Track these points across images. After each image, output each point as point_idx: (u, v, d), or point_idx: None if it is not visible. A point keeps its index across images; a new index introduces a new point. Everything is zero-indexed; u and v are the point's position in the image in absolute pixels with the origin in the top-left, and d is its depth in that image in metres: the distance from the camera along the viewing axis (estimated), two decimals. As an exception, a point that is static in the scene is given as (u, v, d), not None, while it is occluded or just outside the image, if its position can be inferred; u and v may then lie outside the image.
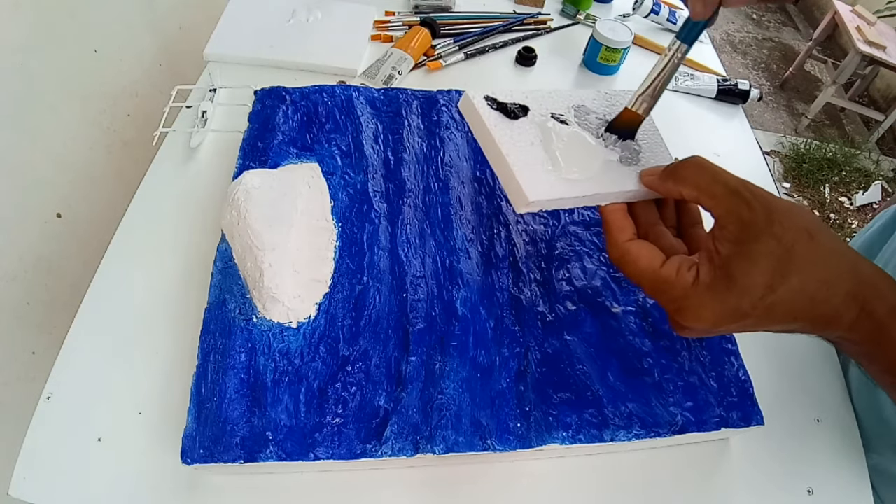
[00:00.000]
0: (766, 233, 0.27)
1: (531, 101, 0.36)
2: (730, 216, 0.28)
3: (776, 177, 2.08)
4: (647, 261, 0.31)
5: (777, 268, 0.27)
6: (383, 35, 0.72)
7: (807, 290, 0.27)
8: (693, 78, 0.74)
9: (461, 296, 0.43)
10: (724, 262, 0.28)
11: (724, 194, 0.29)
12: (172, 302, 0.45)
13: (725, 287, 0.28)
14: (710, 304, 0.28)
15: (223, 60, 0.65)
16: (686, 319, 0.29)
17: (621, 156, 0.36)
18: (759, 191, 0.29)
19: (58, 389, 0.41)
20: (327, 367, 0.39)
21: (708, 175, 0.30)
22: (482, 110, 0.34)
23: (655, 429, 0.38)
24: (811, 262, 0.27)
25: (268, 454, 0.35)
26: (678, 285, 0.29)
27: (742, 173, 0.41)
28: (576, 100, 0.38)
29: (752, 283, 0.27)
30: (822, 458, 0.43)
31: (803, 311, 0.28)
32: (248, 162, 0.49)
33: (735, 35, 2.81)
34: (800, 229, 0.28)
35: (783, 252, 0.27)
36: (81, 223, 0.67)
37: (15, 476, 0.37)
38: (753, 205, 0.28)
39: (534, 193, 0.32)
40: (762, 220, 0.27)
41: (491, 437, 0.37)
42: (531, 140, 0.34)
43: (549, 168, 0.34)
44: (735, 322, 0.28)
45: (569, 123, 0.36)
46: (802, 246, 0.27)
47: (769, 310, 0.27)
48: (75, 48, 0.64)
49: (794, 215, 0.28)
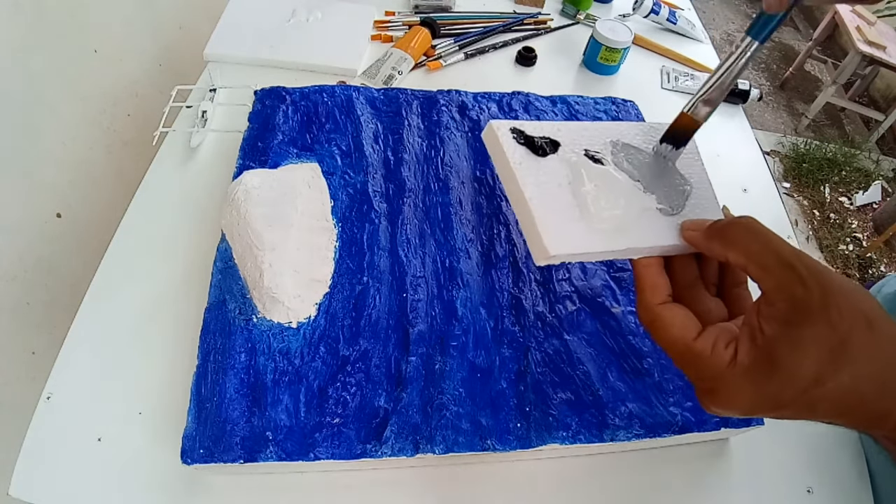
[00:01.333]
0: (820, 317, 0.24)
1: (563, 136, 0.32)
2: (780, 292, 0.25)
3: (776, 177, 2.08)
4: (681, 330, 0.27)
5: (828, 359, 0.23)
6: (383, 35, 0.72)
7: (858, 388, 0.24)
8: (693, 78, 0.74)
9: (461, 296, 0.43)
10: (767, 344, 0.25)
11: (775, 266, 0.25)
12: (172, 302, 0.45)
13: (766, 373, 0.24)
14: (746, 389, 0.25)
15: (223, 60, 0.65)
16: (716, 402, 0.26)
17: (662, 204, 0.32)
18: (815, 266, 0.25)
19: (58, 389, 0.41)
20: (327, 367, 0.39)
21: (760, 242, 0.26)
22: (506, 144, 0.31)
23: (655, 429, 0.38)
24: (867, 355, 0.24)
25: (268, 454, 0.35)
26: (712, 364, 0.26)
27: (742, 173, 0.41)
28: (614, 134, 0.34)
29: (798, 373, 0.24)
30: (822, 458, 0.43)
31: (849, 409, 0.25)
32: (248, 162, 0.49)
33: (735, 35, 2.81)
34: (858, 316, 0.24)
35: (837, 342, 0.23)
36: (81, 223, 0.67)
37: (15, 476, 0.37)
38: (808, 283, 0.24)
39: (556, 247, 0.28)
40: (817, 301, 0.24)
41: (491, 437, 0.37)
42: (559, 181, 0.31)
43: (576, 215, 0.30)
44: (771, 411, 0.25)
45: (604, 163, 0.32)
46: (859, 336, 0.24)
47: (812, 404, 0.24)
48: (75, 48, 0.64)
49: (852, 299, 0.25)
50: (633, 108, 0.61)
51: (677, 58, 0.78)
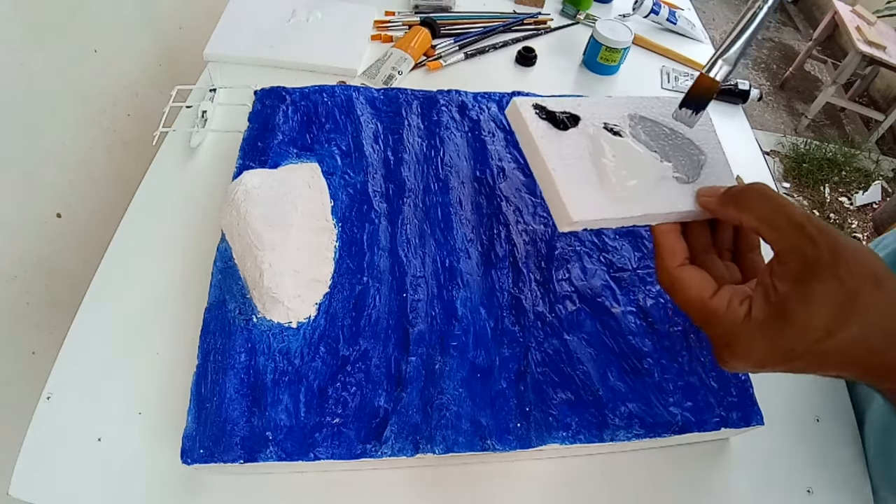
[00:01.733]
0: (830, 274, 0.25)
1: (583, 110, 0.34)
2: (792, 252, 0.26)
3: (776, 177, 2.08)
4: (698, 290, 0.29)
5: (837, 312, 0.25)
6: (383, 35, 0.72)
7: (866, 340, 0.25)
8: (693, 78, 0.74)
9: (461, 296, 0.43)
10: (780, 300, 0.26)
11: (787, 228, 0.27)
12: (172, 302, 0.45)
13: (779, 326, 0.26)
14: (761, 342, 0.26)
15: (223, 60, 0.65)
16: (733, 356, 0.27)
17: (678, 172, 0.33)
18: (825, 227, 0.27)
19: (58, 389, 0.41)
20: (327, 367, 0.39)
21: (772, 205, 0.28)
22: (529, 120, 0.32)
23: (655, 429, 0.38)
24: (875, 310, 0.25)
25: (268, 454, 0.35)
26: (728, 319, 0.27)
27: (742, 173, 0.41)
28: (632, 108, 0.36)
29: (809, 325, 0.25)
30: (822, 458, 0.43)
31: (859, 361, 0.26)
32: (248, 162, 0.49)
33: (735, 35, 2.81)
34: (866, 274, 0.25)
35: (846, 296, 0.25)
36: (81, 223, 0.67)
37: (15, 476, 0.37)
38: (818, 242, 0.26)
39: (578, 213, 0.30)
40: (827, 259, 0.25)
41: (491, 437, 0.37)
42: (580, 153, 0.32)
43: (596, 184, 0.31)
44: (784, 363, 0.27)
45: (622, 135, 0.34)
46: (867, 292, 0.25)
47: (823, 355, 0.26)
48: (75, 48, 0.64)
49: (861, 258, 0.26)
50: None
51: (677, 58, 0.78)
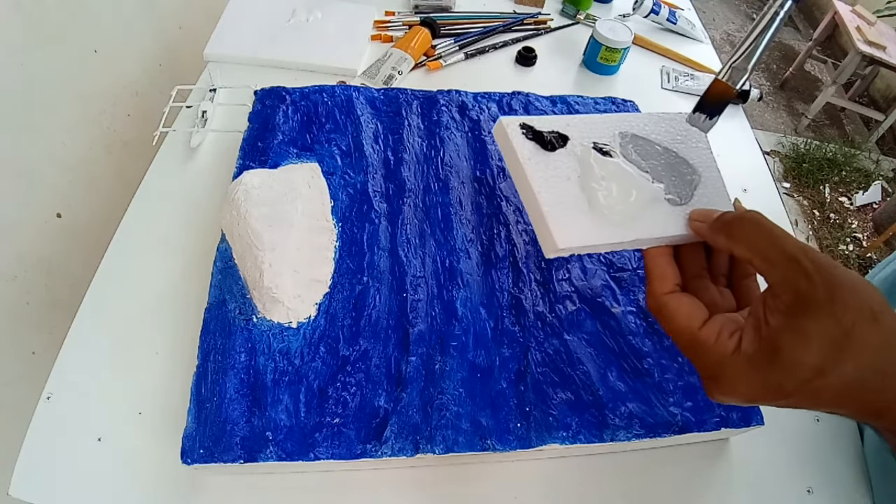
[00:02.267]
0: (825, 310, 0.24)
1: (572, 129, 0.33)
2: (785, 285, 0.25)
3: (776, 177, 2.08)
4: (686, 319, 0.28)
5: (831, 350, 0.24)
6: (383, 35, 0.72)
7: (861, 379, 0.24)
8: (693, 78, 0.74)
9: (461, 296, 0.43)
10: (771, 335, 0.25)
11: (781, 261, 0.26)
12: (172, 302, 0.45)
13: (769, 362, 0.25)
14: (749, 377, 0.25)
15: (223, 60, 0.65)
16: (721, 388, 0.27)
17: (670, 194, 0.32)
18: (820, 259, 0.26)
19: (58, 389, 0.41)
20: (327, 367, 0.39)
21: (765, 237, 0.27)
22: (515, 140, 0.31)
23: (655, 429, 0.38)
24: (871, 347, 0.24)
25: (268, 454, 0.35)
26: (716, 351, 0.26)
27: (742, 173, 0.41)
28: (623, 125, 0.34)
29: (801, 362, 0.24)
30: (822, 458, 0.43)
31: (854, 399, 0.25)
32: (248, 162, 0.49)
33: (735, 35, 2.81)
34: (863, 309, 0.24)
35: (841, 333, 0.24)
36: (81, 223, 0.67)
37: (15, 476, 0.37)
38: (813, 277, 0.25)
39: (564, 240, 0.29)
40: (822, 294, 0.24)
41: (491, 437, 0.37)
42: (568, 175, 0.31)
43: (584, 208, 0.30)
44: (773, 399, 0.26)
45: (613, 155, 0.33)
46: (863, 328, 0.24)
47: (815, 393, 0.25)
48: (75, 48, 0.64)
49: (858, 292, 0.25)
50: (633, 108, 0.61)
51: (677, 58, 0.78)
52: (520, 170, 0.31)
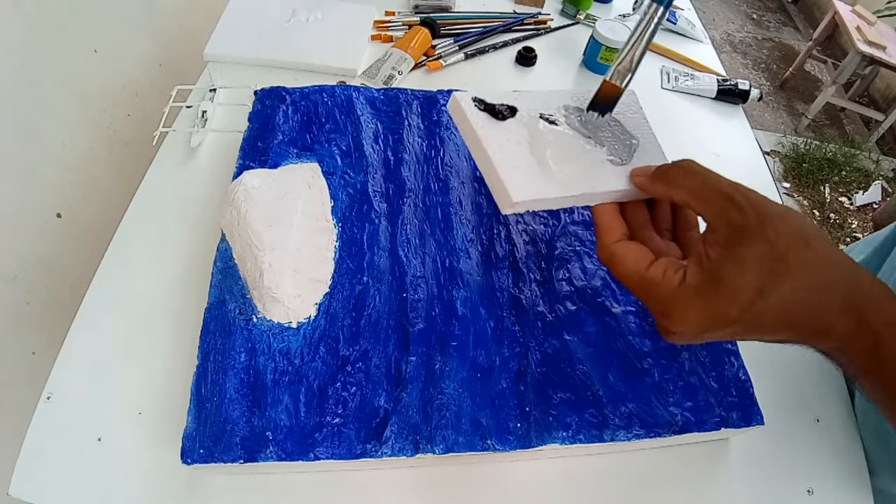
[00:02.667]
0: (758, 237, 0.26)
1: (520, 102, 0.36)
2: (721, 219, 0.27)
3: (776, 177, 2.08)
4: (634, 263, 0.30)
5: (768, 274, 0.26)
6: (383, 35, 0.72)
7: (799, 299, 0.26)
8: (693, 78, 0.74)
9: (461, 296, 0.43)
10: (712, 266, 0.27)
11: (715, 198, 0.28)
12: (172, 302, 0.45)
13: (713, 290, 0.27)
14: (697, 307, 0.27)
15: (223, 60, 0.65)
16: (671, 323, 0.28)
17: (611, 156, 0.35)
18: (752, 195, 0.28)
19: (58, 389, 0.41)
20: (327, 367, 0.39)
21: (699, 179, 0.29)
22: (469, 111, 0.34)
23: (655, 429, 0.38)
24: (805, 269, 0.26)
25: (268, 454, 0.35)
26: (664, 287, 0.28)
27: (742, 173, 0.41)
28: (566, 100, 0.37)
29: (741, 287, 0.26)
30: (822, 458, 0.43)
31: (794, 321, 0.27)
32: (248, 162, 0.49)
33: (735, 35, 2.81)
34: (794, 235, 0.26)
35: (775, 258, 0.26)
36: (81, 223, 0.67)
37: (15, 476, 0.37)
38: (745, 209, 0.27)
39: (518, 194, 0.31)
40: (754, 223, 0.26)
41: (491, 437, 0.37)
42: (518, 140, 0.34)
43: (535, 169, 0.33)
44: (722, 328, 0.27)
45: (558, 124, 0.36)
46: (796, 252, 0.26)
47: (758, 317, 0.26)
48: (75, 48, 0.64)
49: (788, 220, 0.27)
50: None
51: (677, 58, 0.78)
52: (475, 137, 0.33)
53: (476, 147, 0.33)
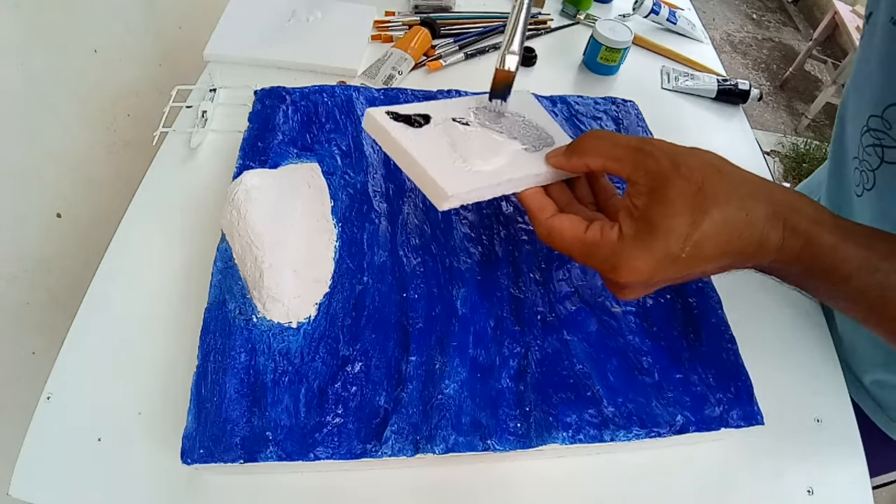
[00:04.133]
0: (675, 175, 0.28)
1: (431, 110, 0.37)
2: (637, 171, 0.29)
3: (776, 177, 2.08)
4: (571, 230, 0.31)
5: (694, 205, 0.28)
6: (383, 35, 0.72)
7: (729, 221, 0.28)
8: (693, 78, 0.74)
9: (461, 295, 0.43)
10: (642, 213, 0.29)
11: (626, 154, 0.30)
12: (172, 302, 0.45)
13: (650, 234, 0.28)
14: (640, 253, 0.29)
15: (223, 60, 0.65)
16: (621, 275, 0.29)
17: (525, 144, 0.37)
18: (659, 142, 0.30)
19: (58, 389, 0.41)
20: (327, 367, 0.39)
21: (608, 141, 0.31)
22: (387, 124, 0.35)
23: (655, 429, 0.38)
24: (725, 193, 0.28)
25: (268, 454, 0.35)
26: (605, 244, 0.30)
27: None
28: (473, 103, 0.39)
29: (674, 223, 0.28)
30: (822, 458, 0.43)
31: (730, 243, 0.28)
32: (248, 162, 0.49)
33: (735, 35, 2.81)
34: (706, 166, 0.29)
35: (696, 189, 0.28)
36: (81, 223, 0.67)
37: (15, 476, 0.37)
38: (656, 154, 0.29)
39: (451, 187, 0.32)
40: (668, 166, 0.28)
41: (491, 437, 0.37)
42: (438, 143, 0.36)
43: (461, 164, 0.35)
44: (669, 267, 0.29)
45: (470, 124, 0.38)
46: (713, 180, 0.28)
47: (697, 247, 0.28)
48: (75, 48, 0.64)
49: (697, 156, 0.29)
50: (634, 108, 0.61)
51: (677, 58, 0.78)
52: (397, 146, 0.35)
53: (401, 155, 0.35)
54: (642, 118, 0.60)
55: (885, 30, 0.39)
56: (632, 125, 0.59)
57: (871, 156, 0.42)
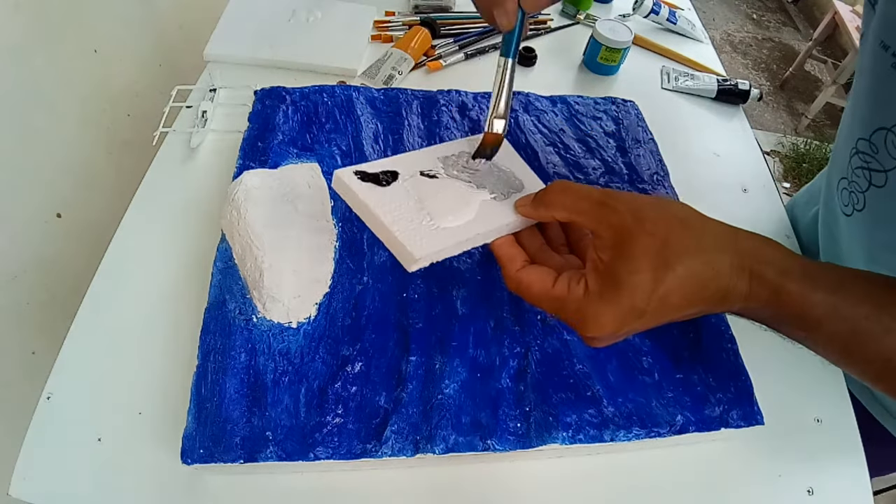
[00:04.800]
0: (639, 231, 0.28)
1: (398, 165, 0.37)
2: (601, 225, 0.30)
3: (776, 177, 2.08)
4: (539, 284, 0.31)
5: (658, 260, 0.28)
6: (383, 35, 0.71)
7: (693, 274, 0.28)
8: (693, 78, 0.74)
9: (461, 295, 0.43)
10: (608, 268, 0.29)
11: (590, 209, 0.30)
12: (172, 302, 0.45)
13: (615, 290, 0.28)
14: (606, 309, 0.29)
15: (223, 60, 0.65)
16: (588, 330, 0.30)
17: (493, 193, 0.37)
18: (622, 195, 0.30)
19: (58, 389, 0.41)
20: (327, 367, 0.39)
21: (572, 195, 0.32)
22: (353, 185, 0.35)
23: (655, 429, 0.38)
24: (689, 247, 0.28)
25: (268, 454, 0.35)
26: (571, 300, 0.30)
27: (742, 173, 0.41)
28: (441, 152, 0.39)
29: (639, 280, 0.28)
30: (822, 458, 0.43)
31: (696, 294, 0.29)
32: (248, 162, 0.49)
33: (735, 35, 2.81)
34: (670, 219, 0.29)
35: (660, 244, 0.28)
36: (81, 223, 0.67)
37: (15, 476, 0.37)
38: (619, 209, 0.29)
39: (419, 250, 0.32)
40: (631, 221, 0.29)
41: (491, 437, 0.37)
42: (405, 200, 0.35)
43: (428, 222, 0.34)
44: (635, 321, 0.29)
45: (438, 176, 0.37)
46: (676, 234, 0.28)
47: (663, 301, 0.28)
48: (75, 48, 0.64)
49: (661, 209, 0.30)
50: (634, 107, 0.61)
51: (677, 58, 0.78)
52: (365, 208, 0.34)
53: (368, 216, 0.35)
54: (642, 118, 0.60)
55: (873, 52, 0.39)
56: (632, 125, 0.59)
57: (860, 178, 0.42)
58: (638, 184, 0.53)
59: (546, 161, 0.53)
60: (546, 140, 0.56)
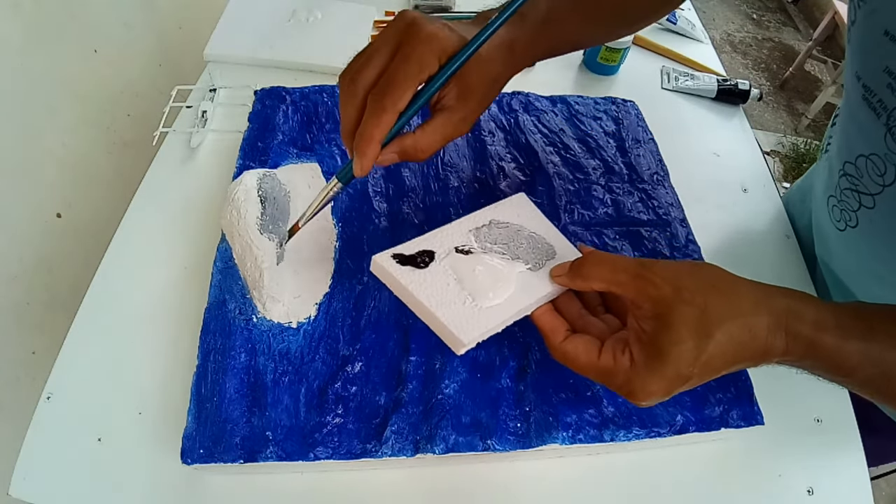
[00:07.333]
0: (678, 301, 0.29)
1: (433, 244, 0.37)
2: (641, 296, 0.31)
3: (776, 177, 2.08)
4: (585, 356, 0.32)
5: (698, 329, 0.29)
6: (383, 35, 0.71)
7: (733, 338, 0.29)
8: (693, 78, 0.74)
9: (461, 296, 0.43)
10: (650, 339, 0.30)
11: (629, 281, 0.31)
12: (172, 302, 0.45)
13: (660, 361, 0.29)
14: (653, 379, 0.30)
15: (223, 60, 0.65)
16: (638, 399, 0.31)
17: (528, 264, 0.38)
18: (658, 265, 0.31)
19: (58, 389, 0.41)
20: (327, 367, 0.39)
21: (608, 268, 0.33)
22: (393, 270, 0.35)
23: (655, 429, 0.38)
24: (726, 312, 0.29)
25: (268, 454, 0.35)
26: (619, 372, 0.31)
27: (742, 173, 0.41)
28: (472, 223, 0.40)
29: (682, 349, 0.29)
30: (822, 458, 0.43)
31: (736, 356, 0.30)
32: (248, 162, 0.49)
33: (735, 35, 2.81)
34: (706, 288, 0.30)
35: (699, 313, 0.29)
36: (81, 223, 0.67)
37: (15, 476, 0.37)
38: (657, 282, 0.30)
39: (466, 336, 0.33)
40: (669, 293, 0.30)
41: (491, 437, 0.37)
42: (446, 282, 0.36)
43: (470, 302, 0.35)
44: (682, 385, 0.30)
45: (473, 251, 0.38)
46: (714, 301, 0.29)
47: (707, 365, 0.29)
48: (75, 48, 0.64)
49: (696, 276, 0.31)
50: (633, 108, 0.61)
51: (677, 58, 0.78)
52: (407, 293, 0.35)
53: (411, 300, 0.35)
54: (642, 118, 0.60)
55: (850, 81, 0.40)
56: (632, 125, 0.59)
57: (850, 198, 0.43)
58: (638, 184, 0.53)
59: (546, 161, 0.53)
60: (546, 140, 0.56)
